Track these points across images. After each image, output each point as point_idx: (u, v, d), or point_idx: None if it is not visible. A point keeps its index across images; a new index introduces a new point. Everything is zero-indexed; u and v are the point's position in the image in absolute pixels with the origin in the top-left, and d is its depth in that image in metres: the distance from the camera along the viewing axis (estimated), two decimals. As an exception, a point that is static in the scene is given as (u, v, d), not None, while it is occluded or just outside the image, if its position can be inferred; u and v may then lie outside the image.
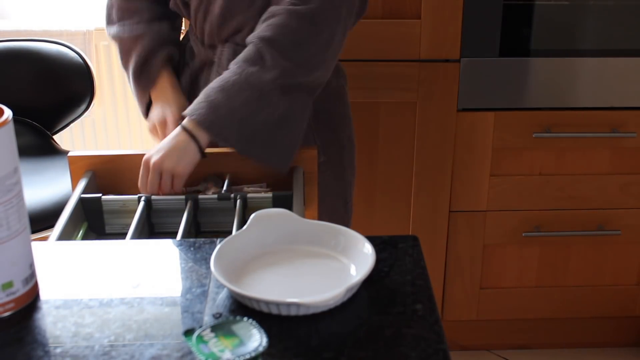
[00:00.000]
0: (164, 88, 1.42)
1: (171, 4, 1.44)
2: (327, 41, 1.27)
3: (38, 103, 2.19)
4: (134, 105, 2.55)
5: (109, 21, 1.47)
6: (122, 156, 1.30)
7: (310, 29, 1.25)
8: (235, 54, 1.31)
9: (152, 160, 1.21)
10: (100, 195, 1.23)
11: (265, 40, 1.24)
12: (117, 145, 2.62)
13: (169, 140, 1.23)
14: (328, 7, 1.26)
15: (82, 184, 1.26)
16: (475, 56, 1.93)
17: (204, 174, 1.31)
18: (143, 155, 1.28)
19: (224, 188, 1.27)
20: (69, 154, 1.30)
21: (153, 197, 1.22)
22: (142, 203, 1.20)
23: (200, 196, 1.22)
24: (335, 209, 1.50)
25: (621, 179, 2.06)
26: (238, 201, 1.21)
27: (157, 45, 1.42)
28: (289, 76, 1.25)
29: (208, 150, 1.29)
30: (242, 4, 1.32)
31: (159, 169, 1.21)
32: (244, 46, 1.30)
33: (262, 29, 1.26)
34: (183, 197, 1.22)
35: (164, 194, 1.23)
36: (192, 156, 1.22)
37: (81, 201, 1.23)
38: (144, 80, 1.43)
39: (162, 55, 1.42)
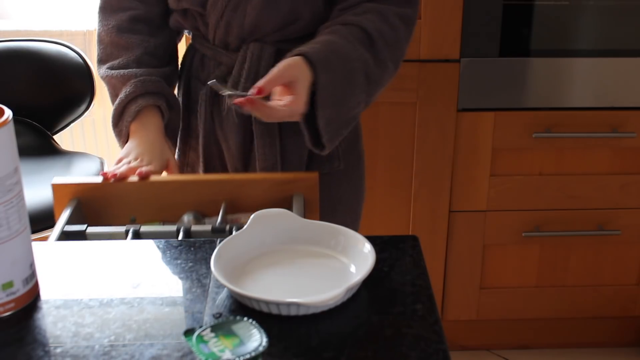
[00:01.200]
0: (145, 128, 1.31)
1: (172, 22, 1.36)
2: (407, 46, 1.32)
3: (38, 103, 2.19)
4: (134, 105, 2.55)
5: (98, 60, 1.37)
6: (107, 184, 1.20)
7: (406, 31, 1.29)
8: (261, 51, 1.29)
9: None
10: (85, 226, 1.12)
11: (377, 31, 1.24)
12: (116, 146, 2.61)
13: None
14: (416, 13, 1.31)
15: (65, 214, 1.15)
16: (475, 56, 1.93)
17: (186, 207, 1.21)
18: (129, 182, 1.20)
19: (219, 218, 1.16)
20: (53, 182, 1.20)
21: (142, 228, 1.11)
22: (130, 234, 1.11)
23: (193, 227, 1.12)
24: (346, 224, 1.45)
25: (621, 179, 2.06)
26: (234, 232, 1.08)
27: (140, 93, 1.29)
28: (389, 73, 1.28)
29: (203, 177, 1.30)
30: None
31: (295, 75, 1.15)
32: (270, 43, 1.29)
33: (369, 18, 1.24)
34: (174, 227, 1.12)
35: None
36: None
37: (65, 234, 1.10)
38: (120, 126, 1.33)
39: (144, 102, 1.29)
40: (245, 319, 0.79)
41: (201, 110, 1.36)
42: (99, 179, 1.21)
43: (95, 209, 1.20)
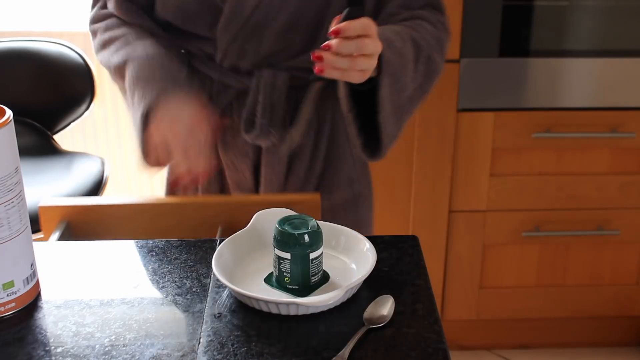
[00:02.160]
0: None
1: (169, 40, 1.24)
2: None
3: (38, 103, 2.19)
4: (134, 105, 2.55)
5: (100, 46, 1.25)
6: (98, 206, 1.14)
7: (444, 33, 1.24)
8: (275, 78, 1.19)
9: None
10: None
11: (416, 24, 1.18)
12: (117, 146, 2.62)
13: None
14: (445, 17, 1.25)
15: (54, 237, 1.08)
16: (475, 56, 1.93)
17: (181, 230, 1.13)
18: (121, 205, 1.13)
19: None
20: (40, 204, 1.11)
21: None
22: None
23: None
24: None
25: (620, 179, 2.06)
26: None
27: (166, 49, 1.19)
28: (436, 65, 1.22)
29: (200, 199, 1.23)
30: (306, 23, 1.17)
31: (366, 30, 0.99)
32: (285, 69, 1.19)
33: (404, 21, 1.18)
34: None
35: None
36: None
37: None
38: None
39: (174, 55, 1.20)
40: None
41: None
42: (89, 200, 1.14)
43: (85, 232, 1.14)
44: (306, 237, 0.87)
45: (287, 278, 0.89)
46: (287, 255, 0.88)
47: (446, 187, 2.05)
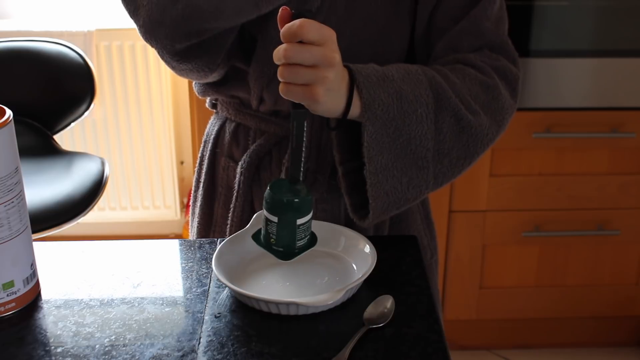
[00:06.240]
0: None
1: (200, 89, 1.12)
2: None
3: (38, 103, 2.19)
4: (134, 105, 2.56)
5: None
6: None
7: (506, 85, 1.07)
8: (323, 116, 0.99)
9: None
10: None
11: (457, 70, 1.01)
12: (117, 146, 2.62)
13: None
14: (517, 68, 1.07)
15: None
16: (475, 56, 1.93)
17: None
18: None
19: None
20: None
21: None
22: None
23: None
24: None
25: (620, 179, 2.06)
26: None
27: None
28: (480, 121, 1.06)
29: None
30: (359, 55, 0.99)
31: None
32: None
33: (449, 64, 1.02)
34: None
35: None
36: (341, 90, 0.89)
37: None
38: None
39: None
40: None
41: (239, 192, 1.12)
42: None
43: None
44: (295, 204, 0.87)
45: (272, 239, 0.89)
46: (275, 219, 0.87)
47: (446, 187, 2.05)
